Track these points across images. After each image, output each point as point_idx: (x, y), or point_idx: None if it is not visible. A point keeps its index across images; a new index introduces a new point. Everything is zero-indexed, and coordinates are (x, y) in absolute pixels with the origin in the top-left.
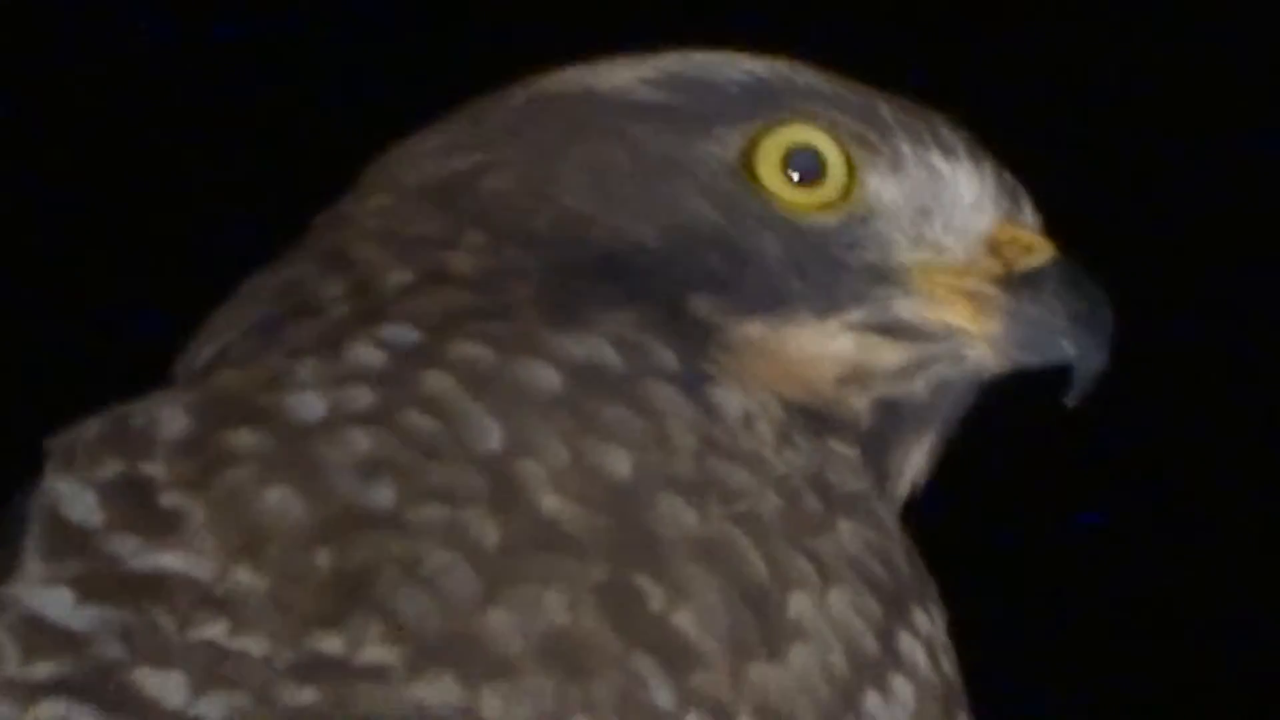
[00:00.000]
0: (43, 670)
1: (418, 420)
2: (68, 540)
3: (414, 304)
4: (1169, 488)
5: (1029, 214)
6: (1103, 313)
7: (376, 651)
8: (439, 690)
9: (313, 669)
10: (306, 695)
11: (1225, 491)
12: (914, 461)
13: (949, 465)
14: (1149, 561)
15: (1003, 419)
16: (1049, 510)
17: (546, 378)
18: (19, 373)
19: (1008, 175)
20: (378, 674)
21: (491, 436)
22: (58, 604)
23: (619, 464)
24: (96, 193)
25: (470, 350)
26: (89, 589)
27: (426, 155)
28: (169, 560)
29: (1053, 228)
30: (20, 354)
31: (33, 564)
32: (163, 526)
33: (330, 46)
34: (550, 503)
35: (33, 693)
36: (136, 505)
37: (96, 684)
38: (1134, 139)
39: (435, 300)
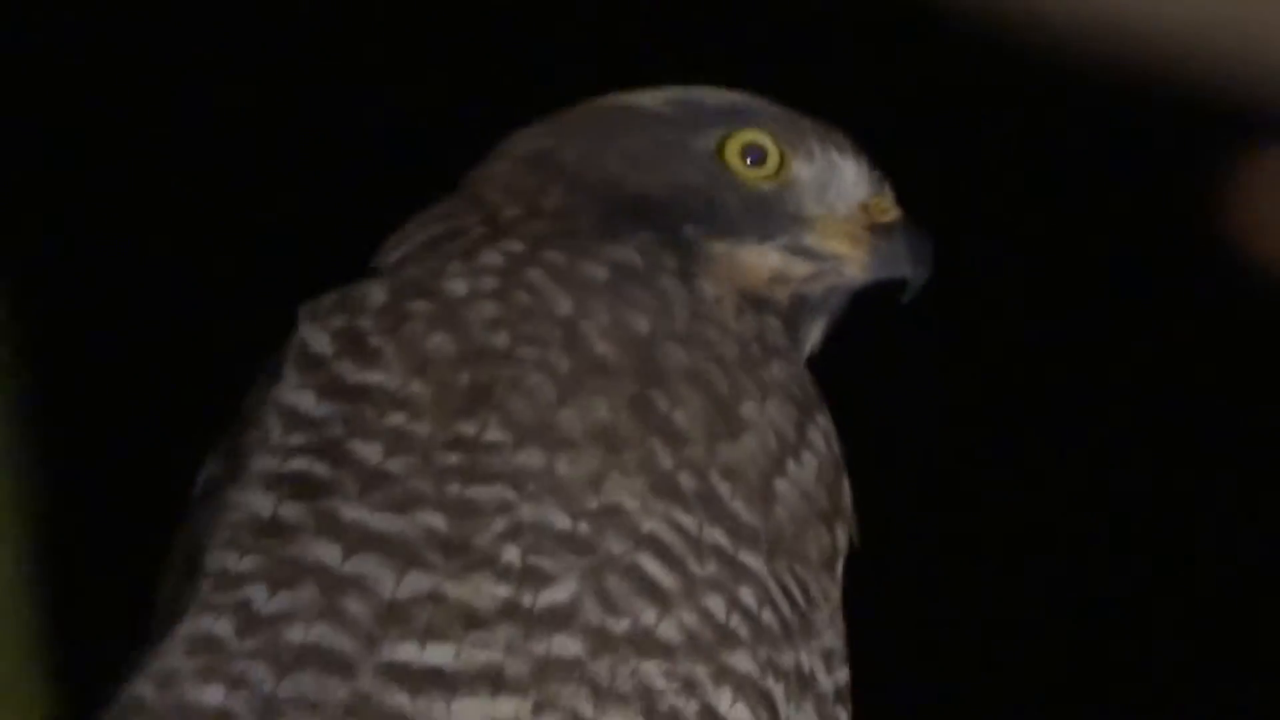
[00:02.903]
0: (295, 440)
1: (521, 296)
2: (311, 363)
3: (521, 228)
4: None
5: (886, 189)
6: (928, 247)
7: (495, 434)
8: (530, 457)
9: (456, 443)
10: (453, 459)
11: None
12: (813, 334)
13: None
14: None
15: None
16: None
17: (598, 271)
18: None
19: (874, 166)
20: (495, 448)
21: (564, 306)
22: (305, 401)
23: (640, 324)
24: None
25: (553, 256)
26: (323, 392)
27: (529, 139)
28: (372, 377)
29: (900, 198)
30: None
31: (290, 377)
32: (369, 357)
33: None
34: (600, 346)
35: (288, 453)
36: (352, 343)
37: (326, 449)
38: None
39: (532, 226)
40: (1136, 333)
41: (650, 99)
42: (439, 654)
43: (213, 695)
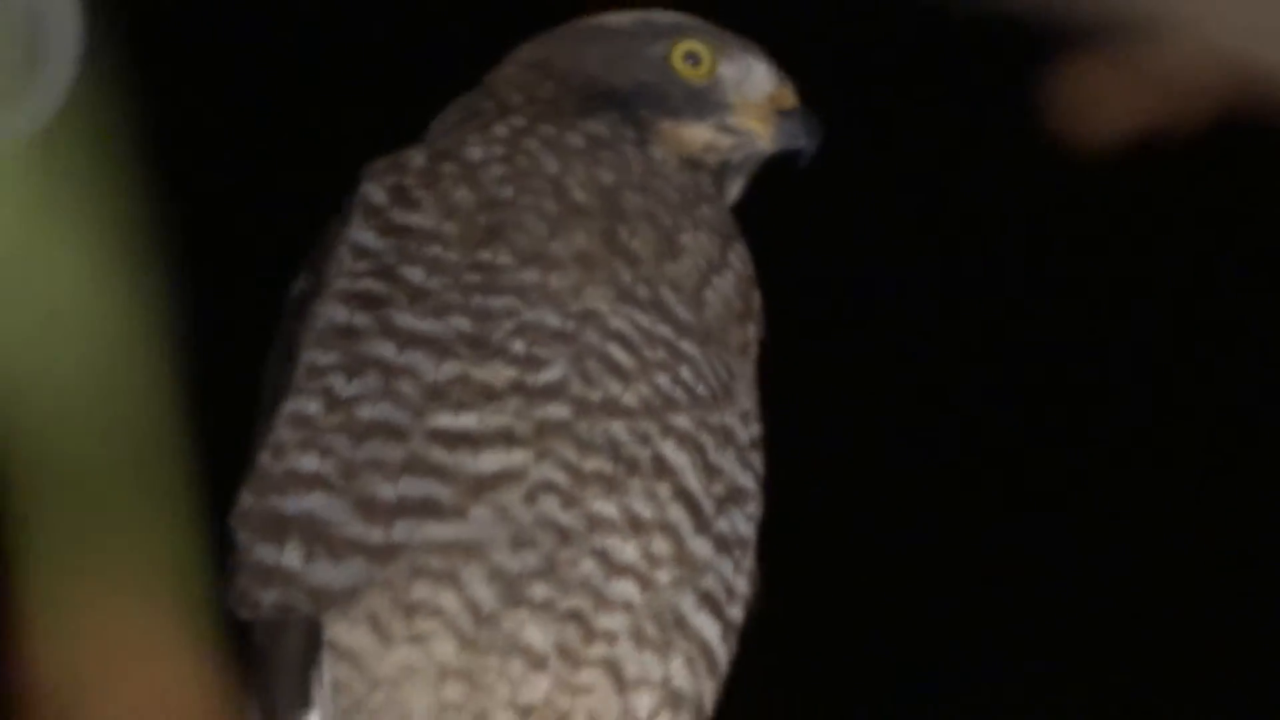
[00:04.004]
0: (360, 266)
1: (521, 160)
2: (370, 210)
3: (522, 110)
4: None
5: (787, 83)
6: (817, 126)
7: (504, 259)
8: (530, 275)
9: (476, 267)
10: (474, 278)
11: None
12: (734, 188)
13: None
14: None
15: None
16: None
17: (577, 140)
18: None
19: (778, 66)
20: (505, 269)
21: (552, 166)
22: (367, 238)
23: (607, 177)
24: None
25: (544, 129)
26: (380, 231)
27: (530, 48)
28: (414, 219)
29: (798, 89)
30: None
31: (356, 220)
32: (412, 205)
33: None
34: (578, 194)
35: (356, 276)
36: (400, 195)
37: (383, 273)
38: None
39: (531, 109)
40: (959, 218)
41: (618, 20)
42: (467, 421)
43: (309, 463)
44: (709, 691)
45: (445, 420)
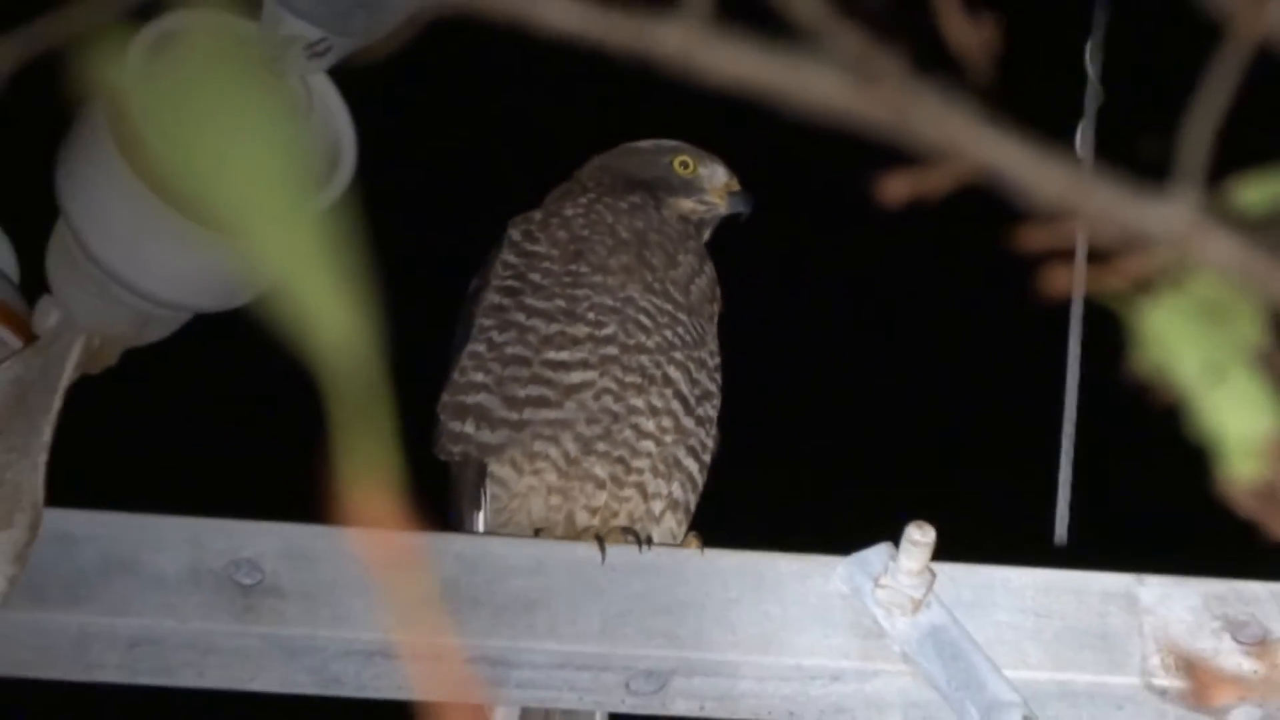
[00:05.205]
0: (506, 273)
1: (593, 215)
2: (510, 243)
3: (593, 190)
4: None
5: (733, 176)
6: (751, 199)
7: (584, 269)
8: (597, 277)
9: (568, 273)
10: (567, 279)
11: None
12: (706, 234)
13: None
14: None
15: None
16: None
17: (623, 205)
18: None
19: (730, 169)
20: (584, 275)
21: (609, 218)
22: (509, 257)
23: (639, 224)
24: None
25: (606, 199)
26: (516, 253)
27: (597, 159)
28: (536, 247)
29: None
30: None
31: (504, 247)
32: (534, 239)
33: None
34: (623, 233)
35: (503, 279)
36: (527, 234)
37: (518, 276)
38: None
39: (598, 190)
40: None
41: (644, 144)
42: (563, 355)
43: (478, 378)
44: (693, 500)
45: (551, 355)
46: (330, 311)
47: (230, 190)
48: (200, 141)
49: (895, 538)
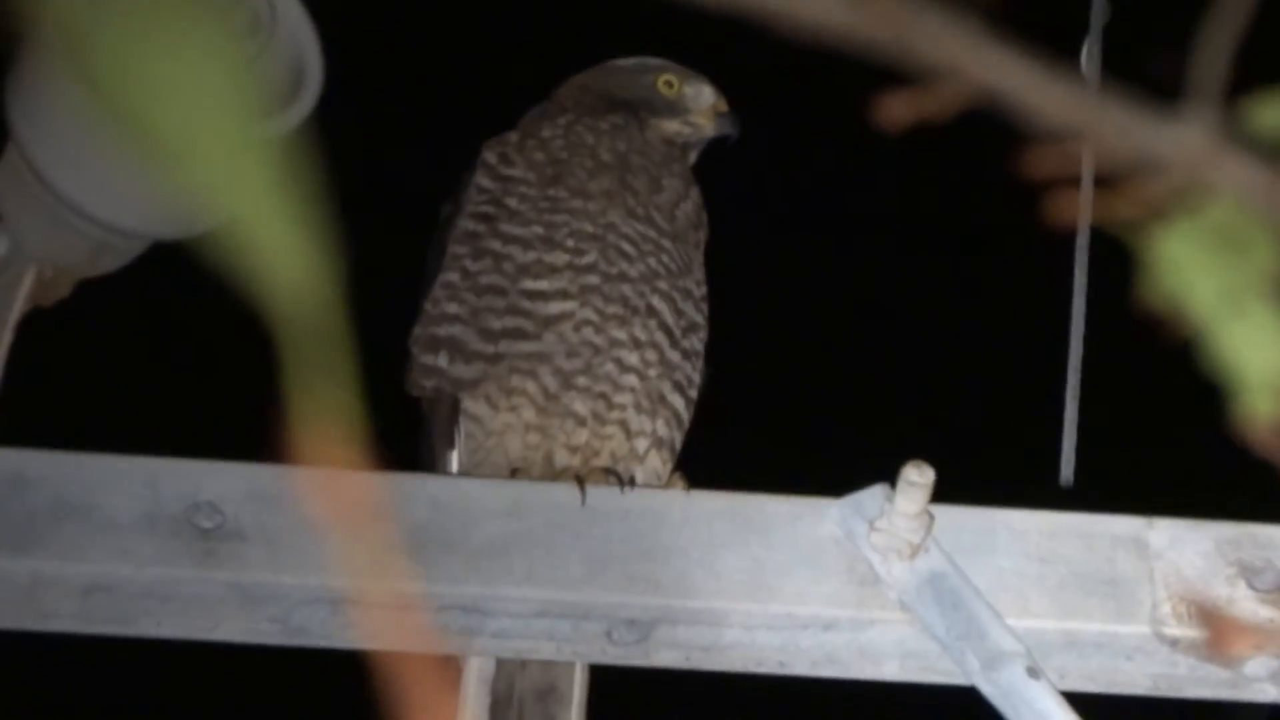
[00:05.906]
0: (480, 198)
1: (572, 136)
2: (485, 166)
3: (573, 110)
4: None
5: (721, 97)
6: (739, 121)
7: (562, 193)
8: (576, 202)
9: (546, 198)
10: (545, 204)
11: None
12: (691, 157)
13: None
14: None
15: None
16: None
17: (604, 125)
18: None
19: (718, 89)
20: (563, 199)
21: (590, 139)
22: (484, 181)
23: (621, 146)
24: None
25: (586, 120)
26: (491, 178)
27: (576, 78)
28: (512, 171)
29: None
30: None
31: (479, 171)
32: (510, 162)
33: None
34: (604, 155)
35: (477, 204)
36: (503, 157)
37: (493, 202)
38: None
39: (577, 110)
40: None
41: (626, 62)
42: (541, 285)
43: (452, 308)
44: (678, 439)
45: (528, 284)
46: (285, 244)
47: (176, 113)
48: (146, 61)
49: (892, 478)
